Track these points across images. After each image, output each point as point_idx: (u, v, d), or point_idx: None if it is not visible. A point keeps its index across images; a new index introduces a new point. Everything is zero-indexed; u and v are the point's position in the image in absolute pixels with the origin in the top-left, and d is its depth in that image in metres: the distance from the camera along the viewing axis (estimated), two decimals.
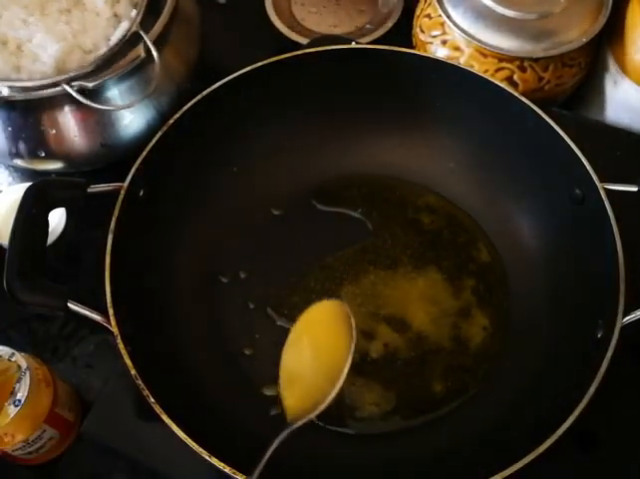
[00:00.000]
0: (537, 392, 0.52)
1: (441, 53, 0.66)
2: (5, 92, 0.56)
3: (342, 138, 0.64)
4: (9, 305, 0.47)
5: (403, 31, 0.72)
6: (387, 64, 0.60)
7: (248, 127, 0.61)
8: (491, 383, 0.55)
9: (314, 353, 0.45)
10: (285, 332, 0.57)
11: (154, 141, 0.54)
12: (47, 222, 0.50)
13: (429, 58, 0.61)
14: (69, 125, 0.60)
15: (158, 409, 0.44)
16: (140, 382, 0.45)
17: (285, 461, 0.48)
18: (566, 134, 0.54)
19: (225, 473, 0.43)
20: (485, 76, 0.58)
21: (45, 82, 0.56)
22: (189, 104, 0.56)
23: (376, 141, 0.65)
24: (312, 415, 0.42)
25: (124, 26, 0.59)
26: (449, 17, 0.64)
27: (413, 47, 0.70)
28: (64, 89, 0.56)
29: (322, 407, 0.42)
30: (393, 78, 0.61)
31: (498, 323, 0.57)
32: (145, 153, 0.54)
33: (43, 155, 0.61)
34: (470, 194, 0.63)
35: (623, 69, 0.65)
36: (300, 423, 0.42)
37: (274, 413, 0.53)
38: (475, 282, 0.59)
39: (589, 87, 0.70)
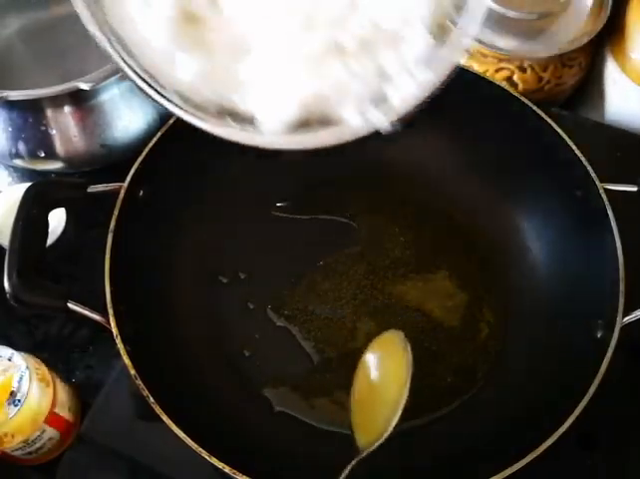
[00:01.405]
0: (537, 392, 0.52)
1: None
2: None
3: None
4: (9, 306, 0.47)
5: None
6: None
7: None
8: (491, 383, 0.55)
9: (380, 384, 0.48)
10: (285, 333, 0.57)
11: (153, 141, 0.54)
12: (47, 222, 0.50)
13: None
14: (69, 125, 0.60)
15: (157, 409, 0.44)
16: (139, 382, 0.45)
17: (283, 461, 0.49)
18: (566, 134, 0.54)
19: (225, 473, 0.43)
20: (485, 76, 0.59)
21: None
22: None
23: (374, 141, 0.65)
24: (379, 442, 0.45)
25: None
26: None
27: None
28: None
29: (387, 435, 0.45)
30: None
31: (499, 323, 0.57)
32: (144, 153, 0.54)
33: (43, 155, 0.61)
34: (469, 193, 0.63)
35: (623, 69, 0.65)
36: (370, 450, 0.45)
37: (275, 412, 0.53)
38: (475, 282, 0.59)
39: (589, 87, 0.70)
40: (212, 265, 0.60)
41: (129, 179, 0.52)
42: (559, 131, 0.55)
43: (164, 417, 0.44)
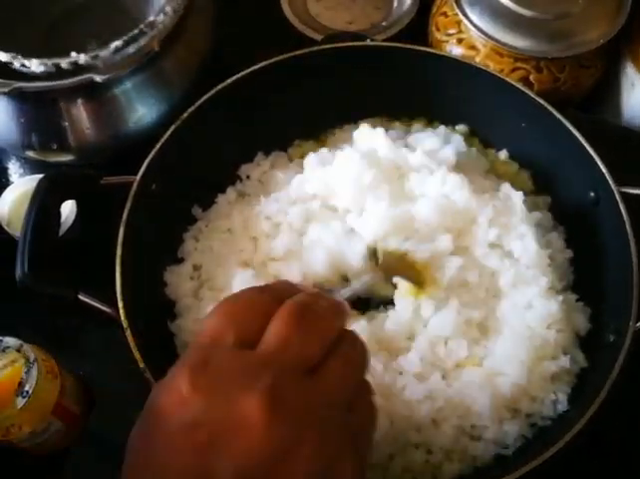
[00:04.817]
0: None
1: (456, 52, 0.65)
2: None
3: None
4: (18, 297, 0.47)
5: (418, 29, 0.72)
6: (401, 62, 0.60)
7: (261, 122, 0.61)
8: None
9: None
10: None
11: (167, 134, 0.54)
12: (59, 213, 0.50)
13: (444, 56, 0.61)
14: (81, 117, 0.60)
15: None
16: (148, 375, 0.45)
17: None
18: (582, 135, 0.54)
19: None
20: (501, 75, 0.58)
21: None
22: (203, 99, 0.56)
23: None
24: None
25: None
26: (465, 15, 0.63)
27: (428, 45, 0.70)
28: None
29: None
30: (407, 76, 0.61)
31: None
32: (158, 146, 0.54)
33: (55, 147, 0.61)
34: None
35: None
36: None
37: None
38: None
39: (606, 88, 0.69)
40: None
41: (142, 171, 0.52)
42: (575, 132, 0.54)
43: None
